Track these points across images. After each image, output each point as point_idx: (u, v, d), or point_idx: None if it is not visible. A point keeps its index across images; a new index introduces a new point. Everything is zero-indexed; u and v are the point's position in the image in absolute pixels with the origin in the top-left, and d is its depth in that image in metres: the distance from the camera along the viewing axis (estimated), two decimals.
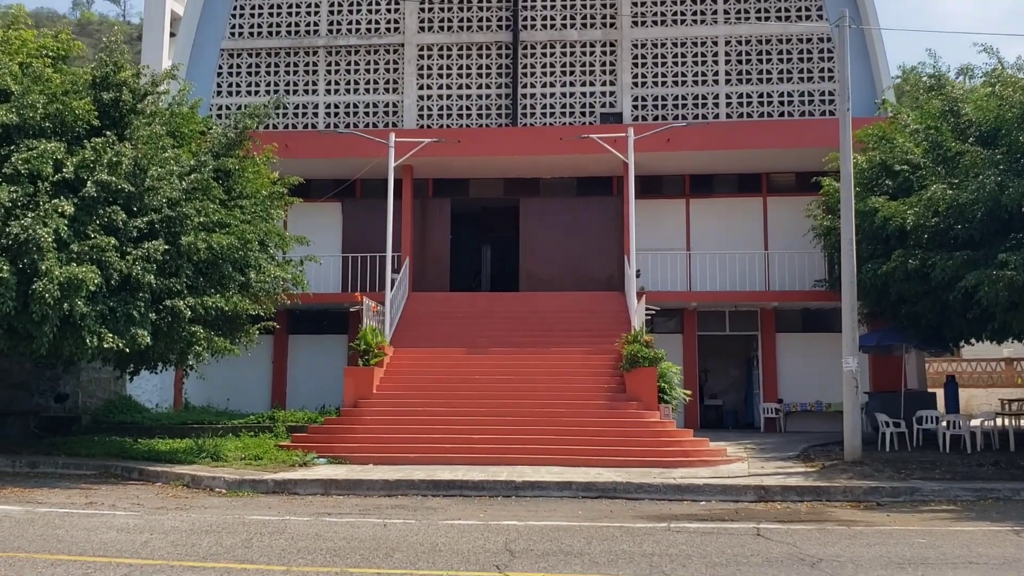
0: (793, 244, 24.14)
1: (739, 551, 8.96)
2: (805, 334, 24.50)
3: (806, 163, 23.50)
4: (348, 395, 18.19)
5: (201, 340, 14.86)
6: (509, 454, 15.97)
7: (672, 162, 23.68)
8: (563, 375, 18.82)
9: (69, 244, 13.41)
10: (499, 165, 24.26)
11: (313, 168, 23.84)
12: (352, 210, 25.74)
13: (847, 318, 15.56)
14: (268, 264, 16.31)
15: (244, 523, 10.43)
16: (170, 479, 14.47)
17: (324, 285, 24.31)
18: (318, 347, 25.05)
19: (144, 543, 9.03)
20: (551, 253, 25.12)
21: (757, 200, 24.92)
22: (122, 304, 13.95)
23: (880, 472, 14.70)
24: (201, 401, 24.37)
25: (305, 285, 17.70)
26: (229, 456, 16.19)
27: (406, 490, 13.46)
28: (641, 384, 17.57)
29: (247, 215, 15.96)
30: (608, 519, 11.21)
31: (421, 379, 18.94)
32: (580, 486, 13.46)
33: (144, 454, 16.62)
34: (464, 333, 21.25)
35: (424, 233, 25.40)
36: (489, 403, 17.77)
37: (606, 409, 17.45)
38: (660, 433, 16.81)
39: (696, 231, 24.93)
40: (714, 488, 13.40)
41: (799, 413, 23.81)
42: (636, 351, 17.71)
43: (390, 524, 10.48)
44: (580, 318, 22.01)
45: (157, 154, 14.79)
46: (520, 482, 13.54)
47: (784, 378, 24.21)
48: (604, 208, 25.12)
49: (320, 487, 13.51)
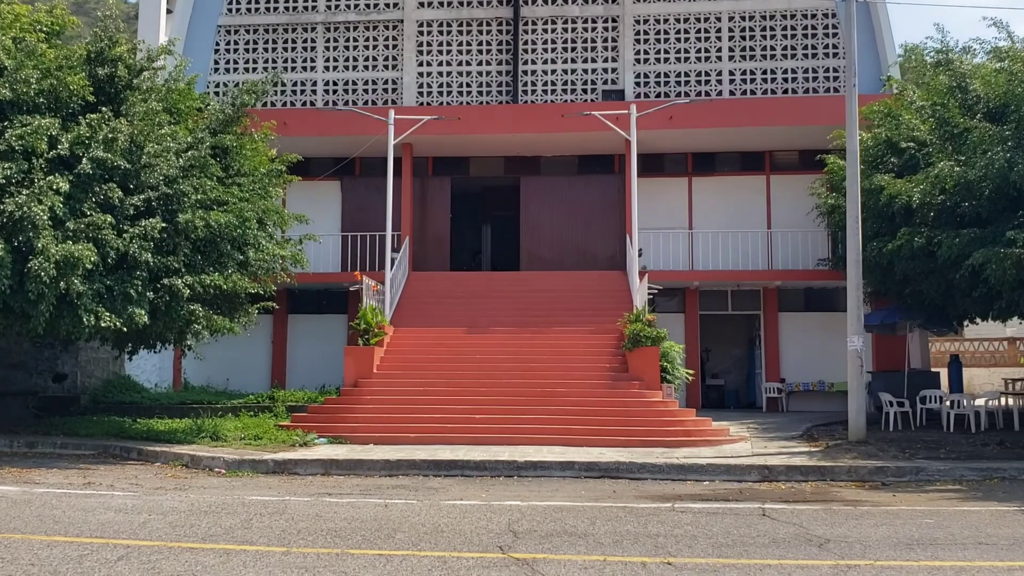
0: (796, 223, 23.96)
1: (745, 532, 8.84)
2: (807, 313, 24.37)
3: (810, 141, 23.30)
4: (348, 375, 18.06)
5: (200, 319, 14.70)
6: (511, 434, 15.85)
7: (674, 140, 23.45)
8: (565, 355, 18.68)
9: (65, 222, 13.22)
10: (500, 143, 24.03)
11: (312, 146, 23.60)
12: (351, 189, 25.53)
13: (852, 297, 15.40)
14: (267, 243, 16.13)
15: (244, 503, 10.31)
16: (169, 459, 14.36)
17: (323, 264, 24.16)
18: (318, 327, 24.92)
19: (142, 524, 8.90)
20: (552, 232, 24.93)
21: (760, 178, 24.70)
22: (119, 283, 13.78)
23: (885, 452, 14.59)
24: (200, 381, 24.27)
25: (304, 264, 17.54)
26: (228, 436, 16.08)
27: (407, 470, 13.35)
28: (643, 364, 17.43)
29: (245, 193, 15.76)
30: (611, 499, 11.09)
31: (422, 359, 18.80)
32: (582, 466, 13.35)
33: (143, 434, 16.50)
34: (465, 313, 21.10)
35: (424, 212, 25.20)
36: (490, 383, 17.64)
37: (608, 389, 17.32)
38: (663, 413, 16.69)
39: (698, 210, 24.73)
40: (718, 468, 13.28)
41: (801, 393, 23.70)
42: (638, 330, 17.56)
43: (391, 504, 10.36)
44: (582, 298, 21.85)
45: (154, 131, 14.57)
46: (522, 462, 13.42)
47: (786, 358, 24.09)
48: (606, 187, 24.92)
49: (320, 467, 13.40)
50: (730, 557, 7.69)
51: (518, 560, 7.45)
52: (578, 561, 7.44)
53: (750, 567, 7.33)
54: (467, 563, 7.33)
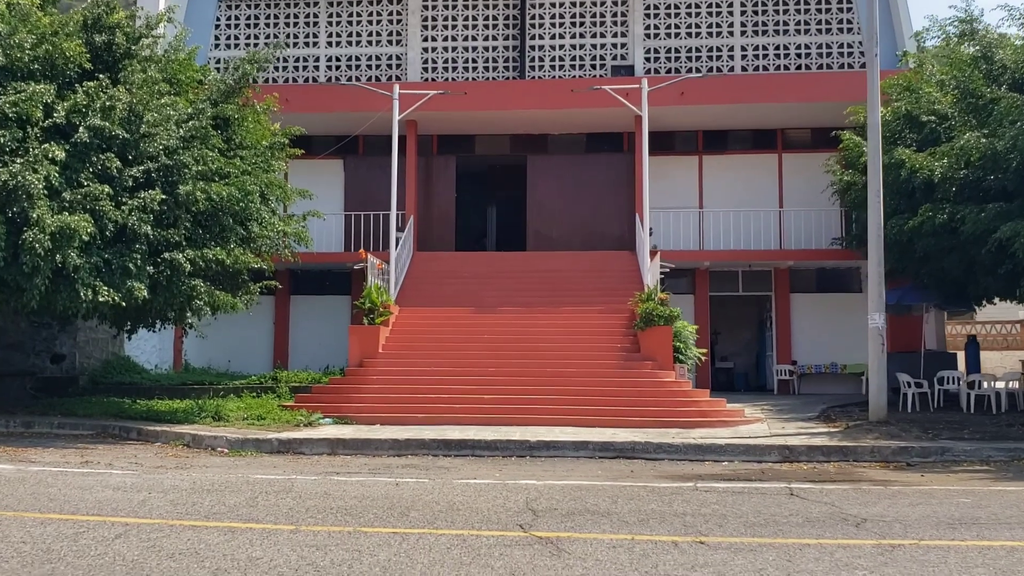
0: (808, 202, 23.50)
1: (776, 511, 8.40)
2: (820, 294, 23.93)
3: (822, 118, 22.81)
4: (353, 354, 17.61)
5: (201, 294, 14.23)
6: (521, 415, 15.42)
7: (685, 117, 22.93)
8: (575, 334, 18.23)
9: (61, 192, 12.74)
10: (506, 120, 23.52)
11: (314, 123, 23.05)
12: (354, 168, 25.03)
13: (873, 273, 14.93)
14: (270, 217, 15.65)
15: (248, 482, 9.87)
16: (170, 439, 13.93)
17: (326, 244, 23.70)
18: (321, 308, 24.47)
19: (142, 502, 8.46)
20: (559, 212, 24.45)
21: (772, 157, 24.20)
22: (117, 256, 13.32)
23: (907, 432, 14.16)
24: (201, 362, 23.84)
25: (308, 242, 17.06)
26: (231, 416, 15.65)
27: (416, 449, 12.92)
28: (656, 343, 16.99)
29: (247, 166, 15.26)
30: (630, 479, 10.66)
31: (428, 338, 18.35)
32: (597, 446, 12.91)
33: (143, 414, 16.07)
34: (471, 292, 20.66)
35: (428, 191, 24.71)
36: (499, 363, 17.20)
37: (620, 369, 16.88)
38: (676, 393, 16.25)
39: (709, 189, 24.25)
40: (736, 448, 12.85)
41: (813, 375, 23.26)
42: (651, 309, 17.11)
43: (402, 483, 9.92)
44: (591, 277, 21.40)
45: (153, 100, 14.07)
46: (534, 442, 12.98)
47: (798, 339, 23.65)
48: (614, 165, 24.43)
49: (327, 446, 12.96)
50: (764, 536, 7.26)
51: (541, 539, 7.02)
52: (605, 540, 7.01)
53: (788, 546, 6.90)
54: (487, 542, 6.89)
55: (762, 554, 6.63)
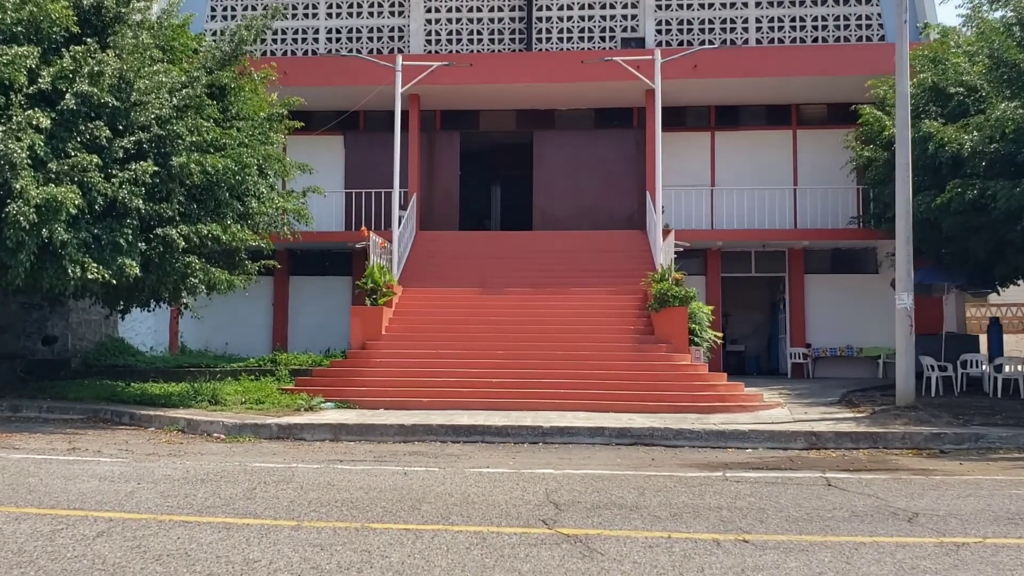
0: (824, 180, 22.78)
1: (817, 503, 7.75)
2: (834, 275, 23.21)
3: (839, 93, 22.08)
4: (355, 336, 16.93)
5: (196, 272, 13.52)
6: (531, 399, 14.76)
7: (697, 92, 22.15)
8: (586, 316, 17.55)
9: (46, 163, 12.00)
10: (512, 95, 22.74)
11: (314, 98, 22.23)
12: (355, 144, 24.27)
13: (902, 251, 14.23)
14: (268, 192, 14.93)
15: (246, 471, 9.21)
16: (164, 424, 13.26)
17: (326, 223, 22.97)
18: (321, 289, 23.78)
19: (129, 494, 7.79)
20: (567, 190, 23.72)
21: (787, 133, 23.43)
22: (107, 231, 12.60)
23: (937, 418, 13.50)
24: (198, 344, 23.17)
25: (309, 219, 16.32)
26: (228, 400, 14.99)
27: (423, 435, 12.25)
28: (671, 325, 16.31)
29: (244, 137, 14.52)
30: (653, 468, 10.01)
31: (433, 320, 17.67)
32: (613, 432, 12.25)
33: (136, 398, 15.39)
34: (477, 272, 19.96)
35: (432, 168, 23.96)
36: (507, 345, 16.52)
37: (634, 352, 16.21)
38: (693, 377, 15.59)
39: (721, 166, 23.49)
40: (760, 434, 12.20)
41: (828, 358, 22.60)
42: (666, 289, 16.42)
43: (411, 472, 9.26)
44: (600, 257, 20.70)
45: (144, 66, 13.31)
46: (547, 427, 12.32)
47: (812, 322, 22.95)
48: (623, 141, 23.68)
49: (329, 432, 12.30)
50: (812, 533, 6.61)
51: (569, 537, 6.36)
52: (639, 538, 6.35)
53: (842, 545, 6.24)
54: (510, 540, 6.23)
55: (815, 555, 5.98)
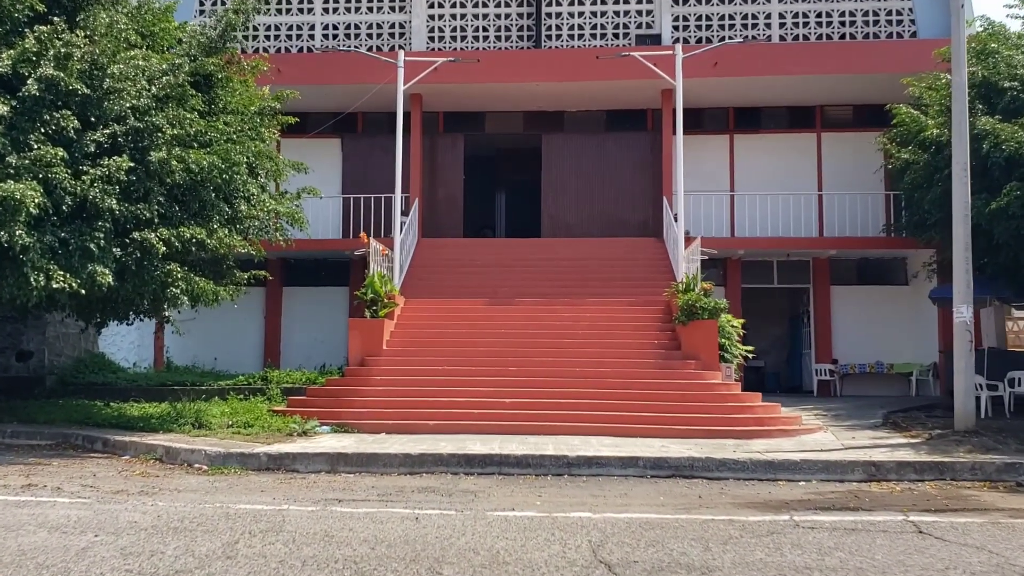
0: (849, 185, 21.50)
1: (922, 560, 6.36)
2: (862, 287, 21.92)
3: (866, 93, 20.87)
4: (354, 351, 15.52)
5: (178, 281, 12.09)
6: (548, 422, 13.37)
7: (717, 91, 20.85)
8: (604, 329, 16.17)
9: (4, 156, 10.59)
10: (519, 96, 21.41)
11: (309, 98, 20.87)
12: (353, 147, 22.92)
13: (960, 259, 12.89)
14: (259, 193, 13.52)
15: (228, 516, 7.78)
16: (140, 451, 11.81)
17: (323, 230, 21.61)
18: (316, 300, 22.38)
19: (82, 551, 6.35)
20: (577, 195, 22.39)
21: (810, 136, 22.16)
22: (76, 235, 11.18)
23: (1003, 444, 12.13)
24: (185, 360, 21.72)
25: (304, 223, 14.91)
26: (213, 423, 13.56)
27: (432, 467, 10.82)
28: (699, 339, 14.94)
29: (232, 133, 13.12)
30: (704, 508, 8.60)
31: (438, 333, 16.27)
32: (648, 463, 10.83)
33: (112, 420, 13.96)
34: (484, 282, 18.60)
35: (434, 173, 22.60)
36: (520, 361, 15.13)
37: (659, 369, 14.82)
38: (726, 397, 14.20)
39: (741, 170, 22.20)
40: (813, 465, 10.79)
41: (857, 375, 21.22)
42: (693, 301, 15.06)
43: (423, 517, 7.84)
44: (615, 266, 19.36)
45: (120, 51, 11.92)
46: (573, 458, 10.89)
47: (839, 336, 21.60)
48: (637, 145, 22.37)
49: (325, 463, 10.86)
50: None
51: None
52: None
53: None
54: None
55: None
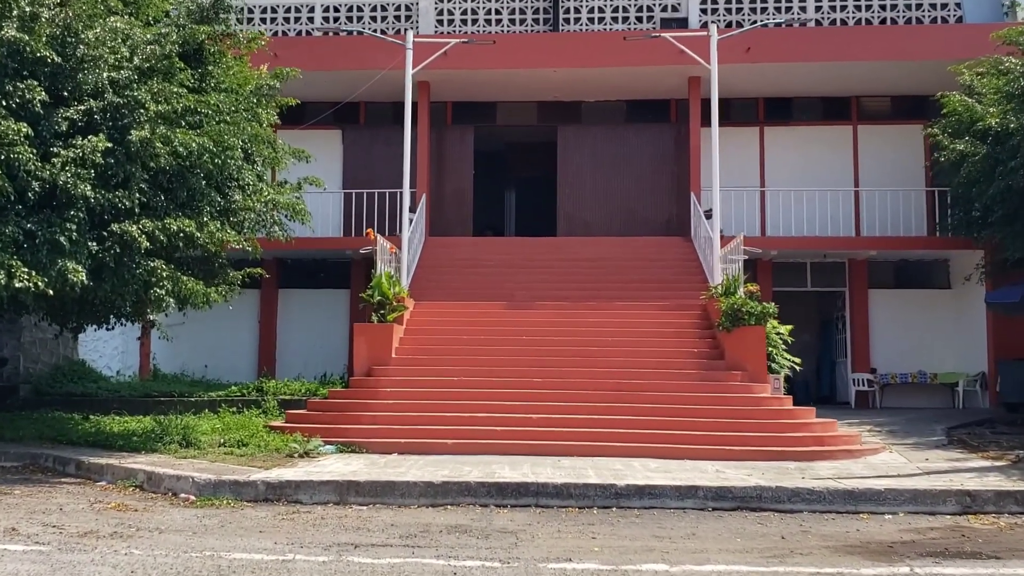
0: (887, 182, 20.06)
1: None
2: (901, 291, 20.43)
3: (905, 83, 19.54)
4: (360, 360, 13.99)
5: (163, 280, 10.54)
6: (581, 440, 11.87)
7: (748, 79, 19.36)
8: (636, 336, 14.67)
9: None
10: (534, 84, 19.91)
11: (309, 86, 19.30)
12: (354, 140, 21.41)
13: None
14: (255, 181, 11.98)
15: (219, 569, 6.24)
16: (118, 476, 10.26)
17: (323, 227, 20.06)
18: (315, 304, 20.86)
19: None
20: (595, 191, 20.90)
21: (845, 129, 20.69)
22: (44, 226, 9.64)
23: None
24: (174, 367, 20.17)
25: (306, 216, 13.34)
26: (203, 441, 12.01)
27: (458, 497, 9.28)
28: (746, 348, 13.45)
29: (226, 113, 11.58)
30: (797, 555, 7.09)
31: (453, 340, 14.76)
32: (709, 493, 9.31)
33: (89, 437, 12.39)
34: (499, 284, 17.11)
35: (441, 167, 21.09)
36: (545, 372, 13.63)
37: (701, 381, 13.31)
38: (779, 413, 12.70)
39: (772, 165, 20.74)
40: (898, 495, 9.29)
41: (898, 385, 19.73)
42: (740, 304, 13.57)
43: (462, 571, 6.31)
44: (640, 267, 17.89)
45: (98, 16, 10.39)
46: (621, 487, 9.36)
47: (877, 344, 20.11)
48: (660, 137, 20.91)
49: (333, 492, 9.31)
50: None
51: None
52: None
53: None
54: None
55: None
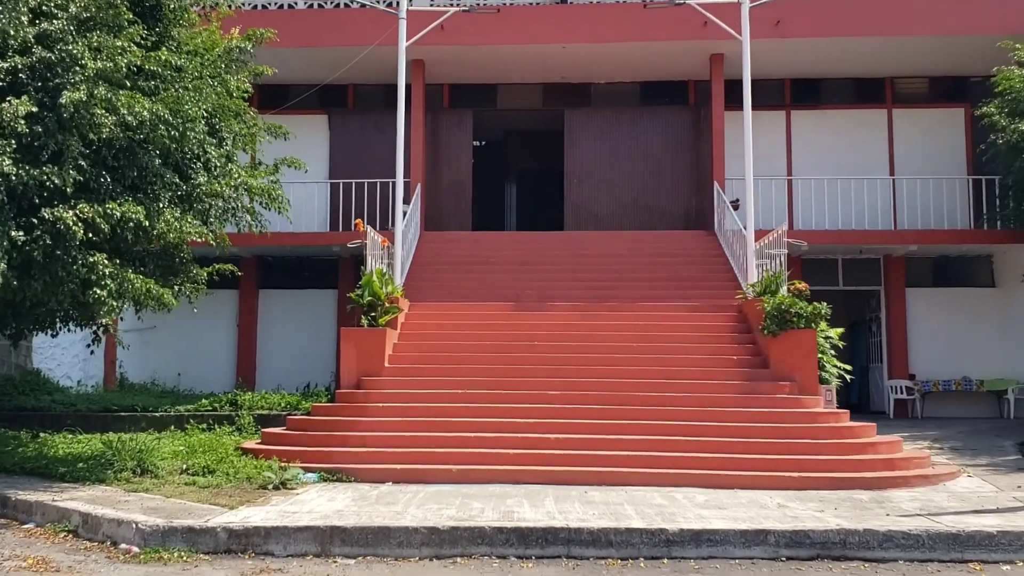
0: (926, 169, 18.34)
1: None
2: (941, 289, 18.65)
3: (946, 62, 17.95)
4: (347, 369, 12.11)
5: (104, 278, 8.65)
6: (610, 466, 10.03)
7: (774, 59, 17.54)
8: (664, 342, 12.85)
9: None
10: (540, 63, 18.10)
11: (291, 65, 17.61)
12: (342, 126, 19.54)
13: None
14: (218, 160, 10.09)
15: None
16: (50, 517, 8.37)
17: (307, 221, 18.29)
18: (298, 305, 18.99)
19: None
20: (606, 182, 19.11)
21: (879, 112, 18.94)
22: None
23: None
24: (144, 376, 18.27)
25: (284, 204, 11.41)
26: (162, 468, 10.14)
27: (469, 546, 7.41)
28: (794, 355, 11.67)
29: (188, 80, 9.69)
30: None
31: (454, 346, 12.91)
32: (782, 538, 7.47)
33: (27, 464, 10.47)
34: (504, 283, 15.32)
35: (437, 154, 19.25)
36: (562, 384, 11.77)
37: (744, 394, 11.48)
38: (838, 431, 10.88)
39: (799, 152, 18.97)
40: (1016, 539, 7.48)
41: (940, 393, 17.95)
42: (787, 305, 11.77)
43: None
44: (661, 264, 16.12)
45: None
46: (673, 532, 7.51)
47: (916, 348, 18.34)
48: (677, 122, 19.14)
49: (312, 541, 7.43)
50: None
51: None
52: None
53: None
54: None
55: None
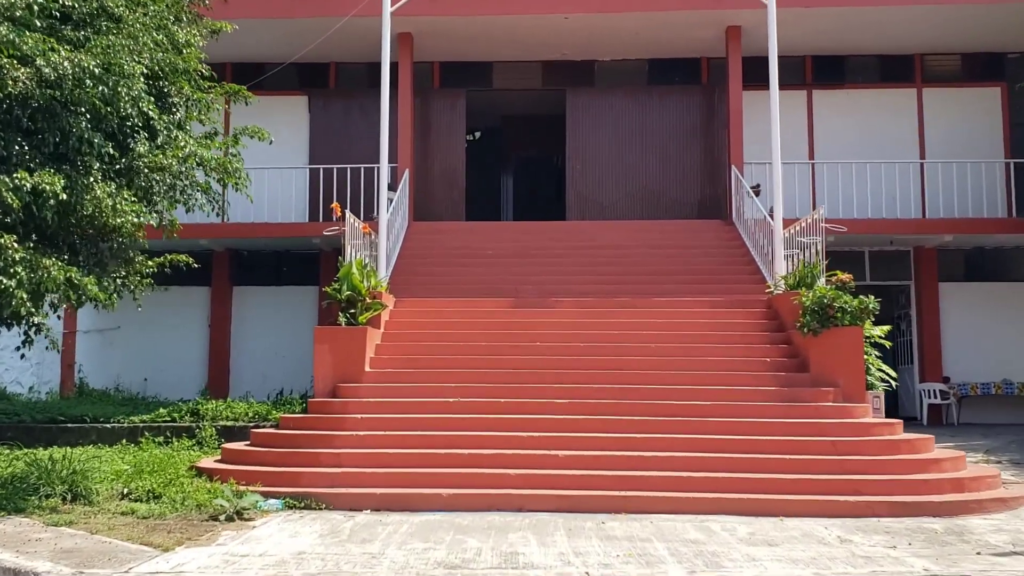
0: (959, 153, 16.86)
1: None
2: (978, 284, 17.15)
3: (980, 38, 16.54)
4: (322, 375, 10.50)
5: (12, 265, 7.05)
6: (629, 489, 8.44)
7: (795, 33, 15.96)
8: (685, 343, 11.27)
9: None
10: (540, 37, 16.55)
11: (265, 40, 16.17)
12: (323, 106, 17.99)
13: None
14: (169, 131, 8.50)
15: None
16: None
17: (284, 211, 16.74)
18: (275, 303, 17.47)
19: None
20: (611, 167, 17.58)
21: (908, 92, 17.45)
22: None
23: None
24: (106, 381, 16.69)
25: (243, 181, 9.78)
26: (99, 493, 8.57)
27: None
28: (838, 356, 10.10)
29: (124, 32, 8.09)
30: None
31: (445, 348, 11.30)
32: None
33: None
34: (501, 277, 13.76)
35: (427, 138, 17.68)
36: (569, 391, 10.16)
37: (782, 402, 9.89)
38: (893, 446, 9.30)
39: (822, 135, 17.47)
40: None
41: (978, 397, 16.45)
42: (830, 299, 10.21)
43: None
44: (675, 256, 14.61)
45: None
46: None
47: (950, 348, 16.83)
48: (689, 103, 17.62)
49: None
50: None
51: None
52: None
53: None
54: None
55: None
